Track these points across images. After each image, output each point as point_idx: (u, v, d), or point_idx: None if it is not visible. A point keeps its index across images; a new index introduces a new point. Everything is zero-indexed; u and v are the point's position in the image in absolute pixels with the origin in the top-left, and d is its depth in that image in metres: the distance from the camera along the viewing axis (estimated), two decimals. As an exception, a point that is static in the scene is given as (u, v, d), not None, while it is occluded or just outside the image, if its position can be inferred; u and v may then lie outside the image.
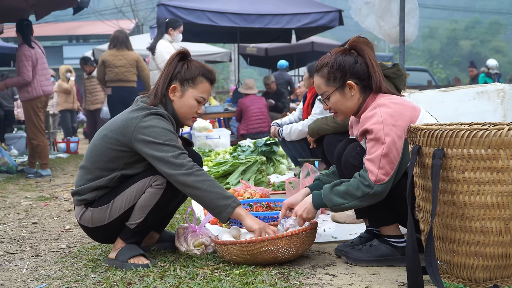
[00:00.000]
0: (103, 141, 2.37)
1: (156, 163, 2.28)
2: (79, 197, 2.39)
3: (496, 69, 11.63)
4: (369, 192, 2.10)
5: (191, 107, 2.47)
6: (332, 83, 2.28)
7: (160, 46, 6.09)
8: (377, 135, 2.11)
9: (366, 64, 2.26)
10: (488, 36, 45.11)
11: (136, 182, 2.34)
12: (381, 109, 2.15)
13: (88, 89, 8.83)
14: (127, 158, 2.36)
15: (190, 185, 2.25)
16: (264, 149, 5.26)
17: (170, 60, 2.49)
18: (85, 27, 30.30)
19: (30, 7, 6.43)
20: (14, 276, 2.34)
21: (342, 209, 2.21)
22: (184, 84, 2.45)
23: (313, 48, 13.93)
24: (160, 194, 2.33)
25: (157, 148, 2.26)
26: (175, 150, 2.28)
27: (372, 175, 2.10)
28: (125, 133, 2.31)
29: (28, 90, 5.94)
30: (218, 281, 2.08)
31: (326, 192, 2.22)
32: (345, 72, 2.25)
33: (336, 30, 11.18)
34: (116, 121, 2.39)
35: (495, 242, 1.84)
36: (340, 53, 2.28)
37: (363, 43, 2.28)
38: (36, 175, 6.02)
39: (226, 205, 2.27)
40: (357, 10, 5.53)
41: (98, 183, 2.36)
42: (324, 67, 2.29)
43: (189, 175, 2.24)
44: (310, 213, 2.28)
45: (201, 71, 2.47)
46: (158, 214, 2.40)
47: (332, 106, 2.33)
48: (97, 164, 2.37)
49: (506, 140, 1.79)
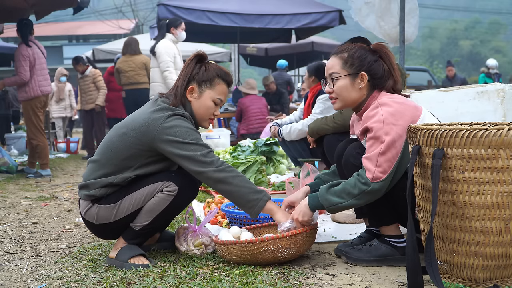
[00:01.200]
0: (121, 139, 2.37)
1: (184, 162, 2.30)
2: (87, 192, 2.39)
3: (496, 69, 11.63)
4: (365, 190, 2.10)
5: (209, 108, 2.49)
6: (348, 68, 2.30)
7: (161, 45, 6.09)
8: (376, 133, 2.12)
9: (386, 68, 2.29)
10: (488, 36, 45.12)
11: (147, 185, 2.34)
12: (382, 108, 2.15)
13: (82, 89, 8.72)
14: (144, 158, 2.36)
15: (222, 181, 2.29)
16: (264, 149, 5.26)
17: (188, 61, 2.52)
18: (85, 27, 30.32)
19: (30, 7, 6.43)
20: (14, 276, 2.34)
21: (338, 209, 2.20)
22: (201, 85, 2.48)
23: (313, 48, 13.93)
24: (170, 200, 2.34)
25: (184, 148, 2.29)
26: (203, 148, 2.32)
27: (369, 173, 2.10)
28: (147, 133, 2.32)
29: (26, 90, 5.94)
30: (218, 281, 2.08)
31: (323, 192, 2.22)
32: (363, 63, 2.28)
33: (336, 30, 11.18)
34: (137, 120, 2.38)
35: (495, 242, 1.84)
36: (364, 48, 2.32)
37: (387, 48, 2.33)
38: (36, 175, 6.02)
39: (258, 199, 2.31)
40: (357, 10, 5.53)
41: (111, 179, 2.35)
42: (345, 52, 2.32)
43: (220, 172, 2.29)
44: (306, 216, 2.28)
45: (219, 73, 2.50)
46: (164, 219, 2.42)
47: (335, 90, 2.33)
48: (113, 160, 2.37)
49: (506, 140, 1.79)
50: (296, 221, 2.30)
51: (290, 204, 2.42)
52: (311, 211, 2.27)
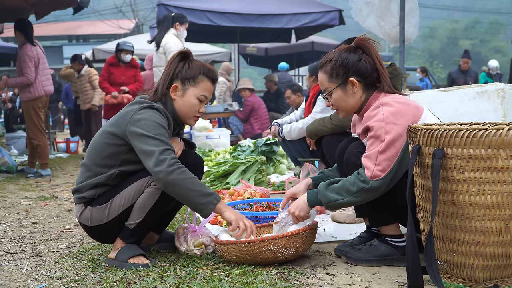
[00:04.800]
0: (101, 137, 2.40)
1: (142, 157, 2.27)
2: (79, 195, 2.40)
3: (497, 71, 11.64)
4: (364, 188, 2.10)
5: (193, 106, 2.48)
6: (335, 80, 2.29)
7: (171, 41, 5.92)
8: (377, 132, 2.12)
9: (371, 62, 2.27)
10: (488, 36, 45.13)
11: (135, 182, 2.34)
12: (383, 107, 2.15)
13: (79, 89, 8.62)
14: (123, 154, 2.36)
15: (171, 183, 2.22)
16: (264, 149, 5.26)
17: (171, 59, 2.51)
18: (85, 27, 30.32)
19: (30, 7, 6.43)
20: (14, 276, 2.34)
21: (337, 206, 2.19)
22: (185, 83, 2.47)
23: (313, 48, 13.94)
24: (158, 194, 2.33)
25: (145, 141, 2.26)
26: (162, 145, 2.25)
27: (368, 171, 2.10)
28: (120, 125, 2.34)
29: (31, 90, 5.94)
30: (218, 281, 2.08)
31: (322, 189, 2.21)
32: (347, 69, 2.26)
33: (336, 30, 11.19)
34: (115, 116, 2.42)
35: (495, 242, 1.84)
36: (344, 51, 2.30)
37: (368, 42, 2.29)
38: (36, 175, 6.02)
39: (207, 202, 2.27)
40: (357, 10, 5.54)
41: (97, 180, 2.36)
42: (328, 64, 2.31)
43: (170, 173, 2.21)
44: (303, 211, 2.27)
45: (202, 70, 2.48)
46: (157, 214, 2.40)
47: (334, 103, 2.34)
48: (96, 160, 2.38)
49: (506, 140, 1.79)
50: (293, 215, 2.30)
51: (292, 196, 2.42)
52: (308, 207, 2.27)
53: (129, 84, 7.55)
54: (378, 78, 2.28)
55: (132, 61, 7.63)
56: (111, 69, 7.54)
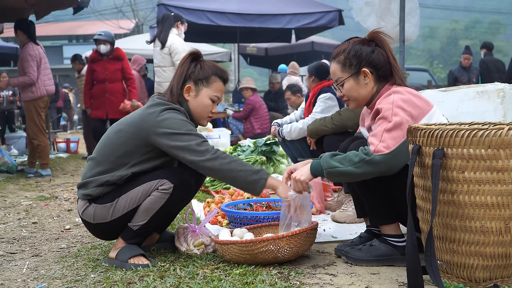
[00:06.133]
0: (117, 135, 2.40)
1: (179, 153, 2.31)
2: (84, 191, 2.39)
3: None
4: (365, 159, 2.09)
5: (206, 106, 2.51)
6: (348, 69, 2.31)
7: (176, 42, 5.84)
8: (385, 113, 2.14)
9: (384, 55, 2.29)
10: (488, 36, 45.06)
11: (142, 184, 2.34)
12: (395, 94, 2.19)
13: (80, 88, 8.61)
14: (139, 155, 2.37)
15: (218, 168, 2.30)
16: (264, 149, 5.26)
17: (183, 60, 2.53)
18: (85, 27, 30.29)
19: (30, 7, 6.43)
20: (14, 276, 2.34)
21: (336, 174, 2.15)
22: (198, 83, 2.49)
23: (313, 48, 13.95)
24: (165, 199, 2.33)
25: (179, 139, 2.31)
26: (197, 138, 2.33)
27: (372, 146, 2.11)
28: (142, 127, 2.35)
29: (33, 90, 5.94)
30: (218, 281, 2.08)
31: (325, 156, 2.21)
32: (361, 59, 2.28)
33: (336, 30, 11.19)
34: (133, 116, 2.42)
35: (495, 242, 1.84)
36: (358, 42, 2.32)
37: (382, 35, 2.32)
38: (36, 175, 6.02)
39: (257, 179, 2.32)
40: (358, 10, 5.53)
41: (108, 177, 2.36)
42: (341, 54, 2.33)
43: (215, 159, 2.29)
44: (304, 175, 2.25)
45: (214, 71, 2.51)
46: (161, 217, 2.41)
47: (345, 93, 2.35)
48: (109, 157, 2.38)
49: (506, 140, 1.79)
50: (293, 180, 2.28)
51: (292, 170, 2.40)
52: (310, 174, 2.25)
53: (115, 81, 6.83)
54: (391, 71, 2.30)
55: (115, 52, 6.84)
56: (93, 66, 6.91)
